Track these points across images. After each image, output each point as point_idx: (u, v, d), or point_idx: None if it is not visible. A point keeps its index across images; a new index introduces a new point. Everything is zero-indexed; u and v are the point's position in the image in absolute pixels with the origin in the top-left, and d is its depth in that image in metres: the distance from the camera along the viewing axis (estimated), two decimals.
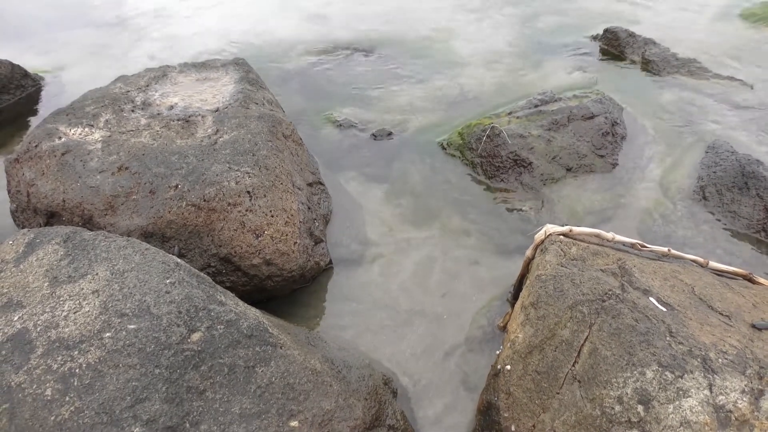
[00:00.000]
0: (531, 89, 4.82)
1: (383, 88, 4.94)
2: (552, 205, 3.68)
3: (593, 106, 4.32)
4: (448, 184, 3.88)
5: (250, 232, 2.88)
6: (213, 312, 2.09)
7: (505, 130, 4.02)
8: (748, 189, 3.66)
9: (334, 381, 2.15)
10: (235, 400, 1.91)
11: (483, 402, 2.46)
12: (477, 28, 6.06)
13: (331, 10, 6.40)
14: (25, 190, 3.13)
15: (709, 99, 4.76)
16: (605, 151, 4.10)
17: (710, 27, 6.08)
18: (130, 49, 5.63)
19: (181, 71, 3.91)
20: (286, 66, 5.27)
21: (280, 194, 3.02)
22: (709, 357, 2.02)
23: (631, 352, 2.05)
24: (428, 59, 5.41)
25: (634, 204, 3.71)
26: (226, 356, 1.99)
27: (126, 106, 3.46)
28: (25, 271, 2.23)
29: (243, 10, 6.40)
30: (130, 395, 1.83)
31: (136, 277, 2.16)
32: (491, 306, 3.07)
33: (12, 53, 5.11)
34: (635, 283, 2.39)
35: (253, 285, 2.97)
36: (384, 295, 3.15)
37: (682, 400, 1.89)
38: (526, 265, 2.85)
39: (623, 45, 5.52)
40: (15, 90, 4.74)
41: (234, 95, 3.58)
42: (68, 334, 1.97)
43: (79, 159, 3.06)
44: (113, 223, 2.90)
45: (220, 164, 2.98)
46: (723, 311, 2.36)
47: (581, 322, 2.23)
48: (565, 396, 2.11)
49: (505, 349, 2.47)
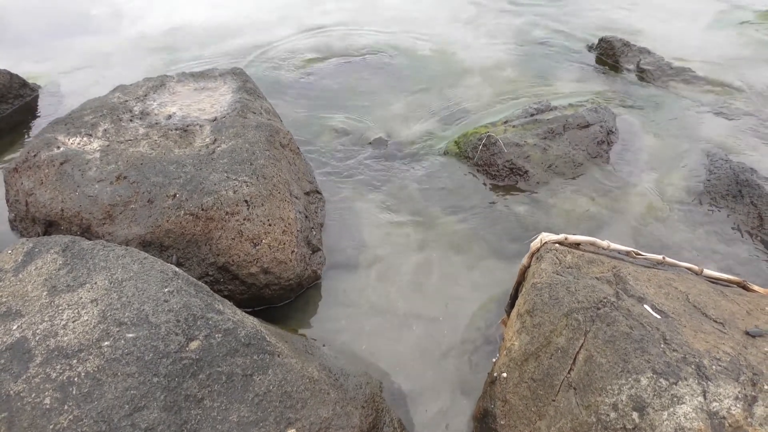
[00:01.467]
0: (526, 98, 4.85)
1: (379, 96, 4.97)
2: (547, 213, 3.71)
3: (588, 115, 4.36)
4: (444, 191, 3.90)
5: (248, 241, 2.90)
6: (211, 321, 2.11)
7: (501, 138, 4.05)
8: (742, 197, 3.69)
9: (331, 389, 2.16)
10: (233, 408, 1.92)
11: (479, 409, 2.48)
12: (473, 37, 6.10)
13: (328, 20, 6.44)
14: (23, 199, 3.15)
15: (704, 107, 4.81)
16: (601, 159, 4.13)
17: (705, 35, 6.14)
18: (129, 58, 5.65)
19: (179, 81, 3.93)
20: (283, 75, 5.30)
21: (278, 203, 3.03)
22: (703, 364, 2.04)
23: (626, 359, 2.07)
24: (424, 69, 5.44)
25: (629, 211, 3.74)
26: (224, 365, 2.00)
27: (124, 116, 3.48)
28: (24, 281, 2.24)
29: (242, 20, 6.44)
30: (128, 404, 1.84)
31: (135, 286, 2.18)
32: (488, 310, 3.08)
33: (10, 62, 5.13)
34: (630, 291, 2.41)
35: (251, 294, 2.98)
36: (381, 299, 3.16)
37: (676, 407, 1.91)
38: (522, 273, 2.87)
39: (618, 54, 5.56)
40: (13, 99, 4.76)
41: (232, 105, 3.61)
42: (67, 342, 1.98)
43: (78, 168, 3.08)
44: (111, 232, 2.92)
45: (218, 173, 3.00)
46: (717, 318, 2.38)
47: (576, 329, 2.25)
48: (561, 403, 2.13)
49: (501, 357, 2.48)
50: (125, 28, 6.30)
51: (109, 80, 4.99)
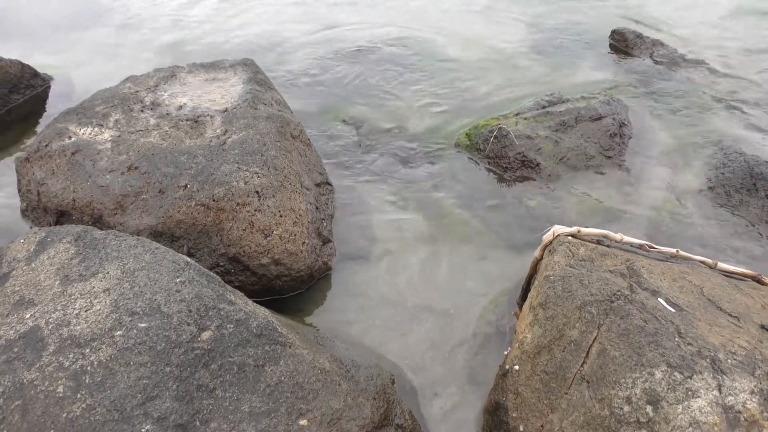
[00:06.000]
0: (538, 90, 4.81)
1: (390, 88, 4.95)
2: (559, 206, 3.68)
3: (601, 107, 4.32)
4: (455, 183, 3.88)
5: (259, 232, 2.90)
6: (223, 311, 2.11)
7: (512, 131, 4.02)
8: (756, 190, 3.65)
9: (342, 380, 2.16)
10: (245, 398, 1.92)
11: (491, 402, 2.47)
12: (484, 28, 6.06)
13: (339, 12, 6.41)
14: (35, 189, 3.16)
15: (718, 99, 4.75)
16: (613, 152, 4.09)
17: (720, 25, 6.06)
18: (140, 49, 5.65)
19: (189, 71, 3.93)
20: (293, 66, 5.29)
21: (289, 194, 3.03)
22: (718, 358, 2.02)
23: (640, 352, 2.05)
24: (435, 60, 5.41)
25: (642, 204, 3.70)
26: (236, 355, 2.00)
27: (135, 106, 3.48)
28: (36, 270, 2.25)
29: (253, 13, 6.42)
30: (141, 393, 1.85)
31: (147, 276, 2.18)
32: (499, 302, 3.07)
33: (22, 53, 5.14)
34: (644, 284, 2.39)
35: (262, 284, 2.98)
36: (391, 291, 3.15)
37: (691, 401, 1.89)
38: (534, 266, 2.85)
39: (631, 46, 5.51)
40: (25, 89, 4.77)
41: (242, 96, 3.60)
42: (80, 332, 1.98)
43: (89, 158, 3.08)
44: (123, 223, 2.92)
45: (229, 164, 2.99)
46: (732, 312, 2.35)
47: (590, 322, 2.23)
48: (574, 396, 2.11)
49: (513, 350, 2.47)
50: (136, 19, 6.29)
51: (120, 71, 4.98)
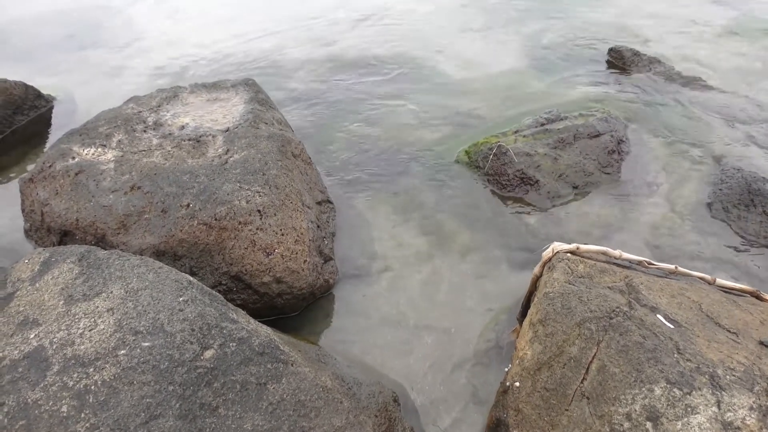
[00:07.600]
0: (537, 108, 4.86)
1: (390, 106, 5.00)
2: (559, 222, 3.71)
3: (599, 124, 4.36)
4: (455, 201, 3.91)
5: (261, 251, 2.92)
6: (225, 329, 2.13)
7: (511, 148, 4.06)
8: (754, 206, 3.68)
9: (344, 398, 2.17)
10: (248, 416, 1.93)
11: (492, 419, 2.48)
12: (482, 46, 6.13)
13: (339, 31, 6.49)
14: (39, 209, 3.19)
15: (715, 116, 4.79)
16: (611, 168, 4.13)
17: (716, 42, 6.13)
18: (142, 69, 5.72)
19: (191, 91, 3.98)
20: (294, 86, 5.35)
21: (290, 213, 3.06)
22: (717, 374, 2.03)
23: (639, 368, 2.07)
24: (435, 78, 5.47)
25: (640, 220, 3.73)
26: (239, 373, 2.02)
27: (138, 127, 3.52)
28: (40, 290, 2.27)
29: (253, 33, 6.50)
30: (144, 412, 1.86)
31: (150, 295, 2.20)
32: (499, 320, 3.08)
33: (25, 74, 5.20)
34: (642, 301, 2.41)
35: (264, 303, 3.00)
36: (392, 310, 3.17)
37: (690, 417, 1.91)
38: (534, 283, 2.87)
39: (628, 63, 5.57)
40: (29, 110, 4.82)
41: (244, 115, 3.64)
42: (84, 351, 2.00)
43: (92, 179, 3.12)
44: (126, 242, 2.95)
45: (231, 183, 3.03)
46: (730, 328, 2.37)
47: (589, 339, 2.25)
48: (574, 413, 2.12)
49: (513, 366, 2.48)
50: (137, 39, 6.37)
51: (122, 91, 5.05)
